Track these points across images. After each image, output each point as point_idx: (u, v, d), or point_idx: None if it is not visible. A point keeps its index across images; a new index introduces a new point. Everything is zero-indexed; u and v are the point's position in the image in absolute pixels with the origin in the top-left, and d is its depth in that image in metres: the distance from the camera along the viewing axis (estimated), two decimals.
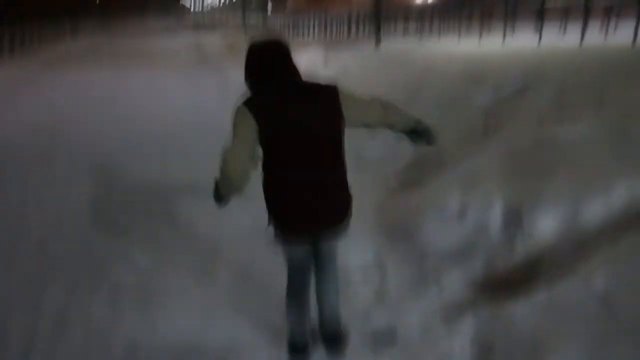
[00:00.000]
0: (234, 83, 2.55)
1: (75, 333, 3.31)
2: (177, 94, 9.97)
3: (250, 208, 2.66)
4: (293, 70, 2.50)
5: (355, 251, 3.69)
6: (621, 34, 9.66)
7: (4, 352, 3.18)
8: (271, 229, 2.67)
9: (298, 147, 2.47)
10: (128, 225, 4.59)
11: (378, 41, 12.71)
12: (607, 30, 10.80)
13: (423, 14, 17.01)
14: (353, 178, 4.91)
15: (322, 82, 2.55)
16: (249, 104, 2.43)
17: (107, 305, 3.54)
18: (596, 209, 3.14)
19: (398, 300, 3.32)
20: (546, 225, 3.24)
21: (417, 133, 2.70)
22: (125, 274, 3.87)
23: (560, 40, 10.16)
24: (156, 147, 6.25)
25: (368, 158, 5.32)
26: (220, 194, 2.54)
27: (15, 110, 8.92)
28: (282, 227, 2.64)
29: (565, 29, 11.22)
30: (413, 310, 3.21)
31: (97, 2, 39.73)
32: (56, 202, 5.11)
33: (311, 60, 11.08)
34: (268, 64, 2.46)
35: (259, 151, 2.51)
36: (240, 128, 2.42)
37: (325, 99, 2.48)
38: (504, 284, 3.20)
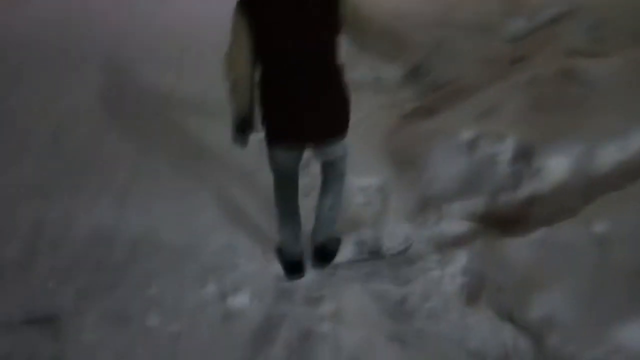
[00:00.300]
0: None
1: (80, 229, 3.41)
2: None
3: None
4: None
5: (360, 173, 3.66)
6: None
7: (12, 240, 3.30)
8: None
9: (290, 49, 2.39)
10: (139, 128, 4.60)
11: None
12: None
13: None
14: (369, 98, 4.86)
15: None
16: (244, 4, 2.36)
17: (112, 205, 3.62)
18: (610, 152, 3.03)
19: (395, 224, 3.31)
20: (556, 164, 3.15)
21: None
22: (131, 176, 3.93)
23: None
24: (173, 52, 6.14)
25: (386, 80, 5.18)
26: (238, 121, 2.54)
27: (31, 5, 8.78)
28: (272, 131, 2.61)
29: None
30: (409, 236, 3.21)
31: None
32: (70, 99, 5.11)
33: None
34: None
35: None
36: (237, 30, 2.39)
37: (323, 2, 2.35)
38: (504, 218, 3.17)
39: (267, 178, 3.61)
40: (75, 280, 2.96)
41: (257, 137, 3.69)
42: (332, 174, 2.84)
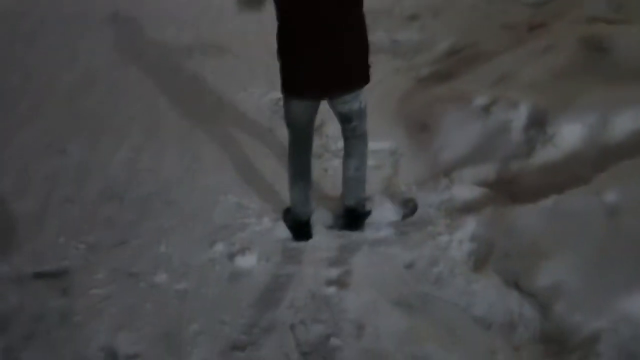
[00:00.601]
0: None
1: (92, 185, 3.45)
2: None
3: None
4: None
5: (372, 136, 3.62)
6: None
7: (26, 195, 3.35)
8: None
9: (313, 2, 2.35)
10: (154, 87, 4.60)
11: None
12: None
13: None
14: (385, 62, 4.80)
15: None
16: None
17: (125, 162, 3.66)
18: (624, 121, 2.96)
19: (406, 189, 3.30)
20: (570, 132, 3.09)
21: None
22: (145, 134, 3.95)
23: None
24: (191, 15, 6.12)
25: (403, 43, 5.10)
26: None
27: None
28: (290, 81, 2.57)
29: None
30: (419, 201, 3.19)
31: None
32: (85, 60, 5.12)
33: None
34: None
35: None
36: None
37: None
38: (515, 185, 3.14)
39: (281, 137, 3.65)
40: (86, 236, 3.00)
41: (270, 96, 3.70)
42: (352, 134, 2.81)
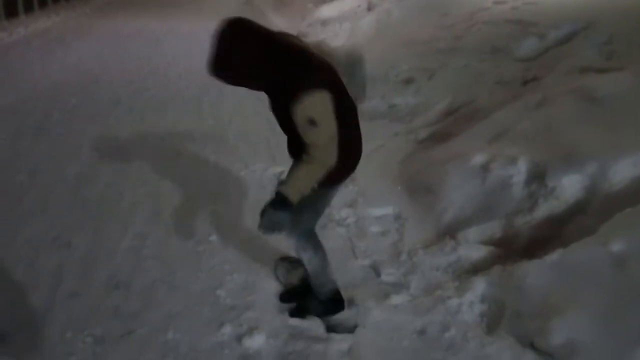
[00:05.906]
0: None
1: (98, 276, 3.43)
2: None
3: None
4: None
5: (376, 202, 3.64)
6: None
7: (33, 291, 3.33)
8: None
9: (353, 109, 2.54)
10: (159, 172, 4.68)
11: None
12: None
13: None
14: (384, 127, 4.87)
15: None
16: (322, 85, 2.28)
17: (130, 251, 3.65)
18: (624, 169, 2.95)
19: (413, 253, 3.27)
20: (570, 183, 3.08)
21: None
22: (149, 221, 3.97)
23: None
24: (192, 96, 6.30)
25: (401, 107, 5.20)
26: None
27: (65, 56, 9.18)
28: (344, 169, 2.53)
29: None
30: (426, 265, 3.16)
31: None
32: (90, 150, 5.25)
33: (356, 4, 10.82)
34: None
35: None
36: (328, 117, 2.30)
37: None
38: (521, 241, 3.10)
39: None
40: (93, 328, 2.97)
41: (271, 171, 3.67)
42: None
